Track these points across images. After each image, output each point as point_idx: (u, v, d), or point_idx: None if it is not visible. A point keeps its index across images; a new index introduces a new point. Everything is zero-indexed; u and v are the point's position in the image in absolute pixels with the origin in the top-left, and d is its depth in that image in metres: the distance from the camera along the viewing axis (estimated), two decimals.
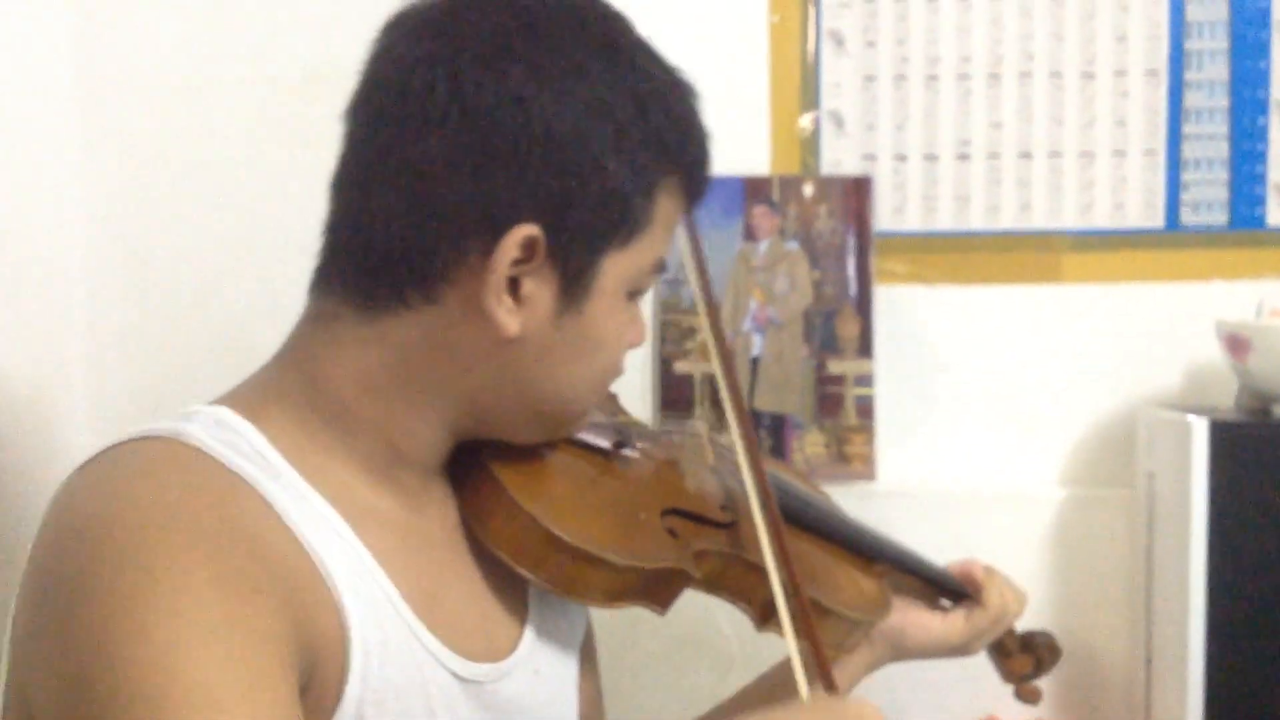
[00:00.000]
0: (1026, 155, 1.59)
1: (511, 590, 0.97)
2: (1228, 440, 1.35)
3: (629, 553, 0.93)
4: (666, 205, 0.90)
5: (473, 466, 0.95)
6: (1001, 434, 1.61)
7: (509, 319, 0.85)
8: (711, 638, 1.57)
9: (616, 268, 0.88)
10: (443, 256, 0.85)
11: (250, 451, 0.83)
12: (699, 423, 1.17)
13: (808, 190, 1.57)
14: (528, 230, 0.83)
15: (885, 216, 1.59)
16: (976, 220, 1.60)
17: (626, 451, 1.04)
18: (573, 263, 0.86)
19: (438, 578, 0.91)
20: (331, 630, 0.80)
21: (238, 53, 1.61)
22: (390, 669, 0.84)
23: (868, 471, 1.56)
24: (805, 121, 1.59)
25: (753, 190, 1.57)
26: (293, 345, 0.91)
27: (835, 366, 1.57)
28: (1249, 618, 1.36)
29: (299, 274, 1.60)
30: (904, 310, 1.59)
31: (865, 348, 1.56)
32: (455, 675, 0.89)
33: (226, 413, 0.85)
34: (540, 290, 0.86)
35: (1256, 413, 1.44)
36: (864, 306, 1.56)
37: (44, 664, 0.74)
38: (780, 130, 1.59)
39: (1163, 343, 1.58)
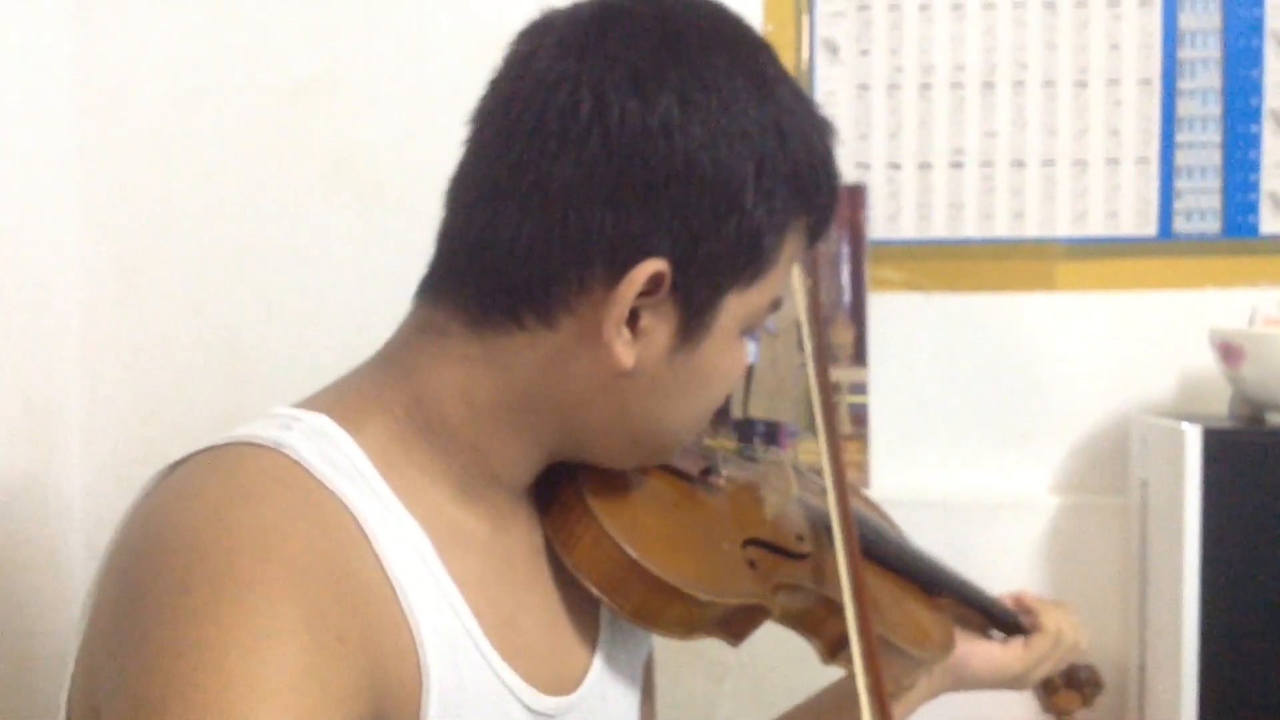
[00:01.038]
0: (1020, 163, 1.59)
1: (585, 616, 0.94)
2: (1221, 448, 1.36)
3: (712, 588, 0.92)
4: (792, 245, 0.87)
5: (562, 488, 0.92)
6: (995, 442, 1.61)
7: (625, 352, 0.82)
8: (705, 646, 1.57)
9: (737, 306, 0.85)
10: (566, 283, 0.81)
11: (349, 467, 0.80)
12: (783, 451, 1.16)
13: None
14: (656, 265, 0.80)
15: (879, 224, 1.60)
16: (970, 228, 1.60)
17: (712, 478, 1.02)
18: (696, 300, 0.83)
19: (517, 601, 0.88)
20: (407, 670, 0.78)
21: (232, 62, 1.61)
22: (466, 703, 0.81)
23: (862, 479, 1.56)
24: None
25: None
26: (396, 354, 0.87)
27: (830, 374, 1.57)
28: (1242, 624, 1.36)
29: (293, 283, 1.62)
30: (898, 318, 1.60)
31: (860, 355, 1.57)
32: (527, 708, 0.87)
33: (327, 422, 0.81)
34: (659, 325, 0.83)
35: (1250, 420, 1.44)
36: (858, 314, 1.57)
37: (117, 675, 0.71)
38: None
39: (1156, 350, 1.58)
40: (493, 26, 1.56)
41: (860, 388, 1.57)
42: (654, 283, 0.81)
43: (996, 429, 1.61)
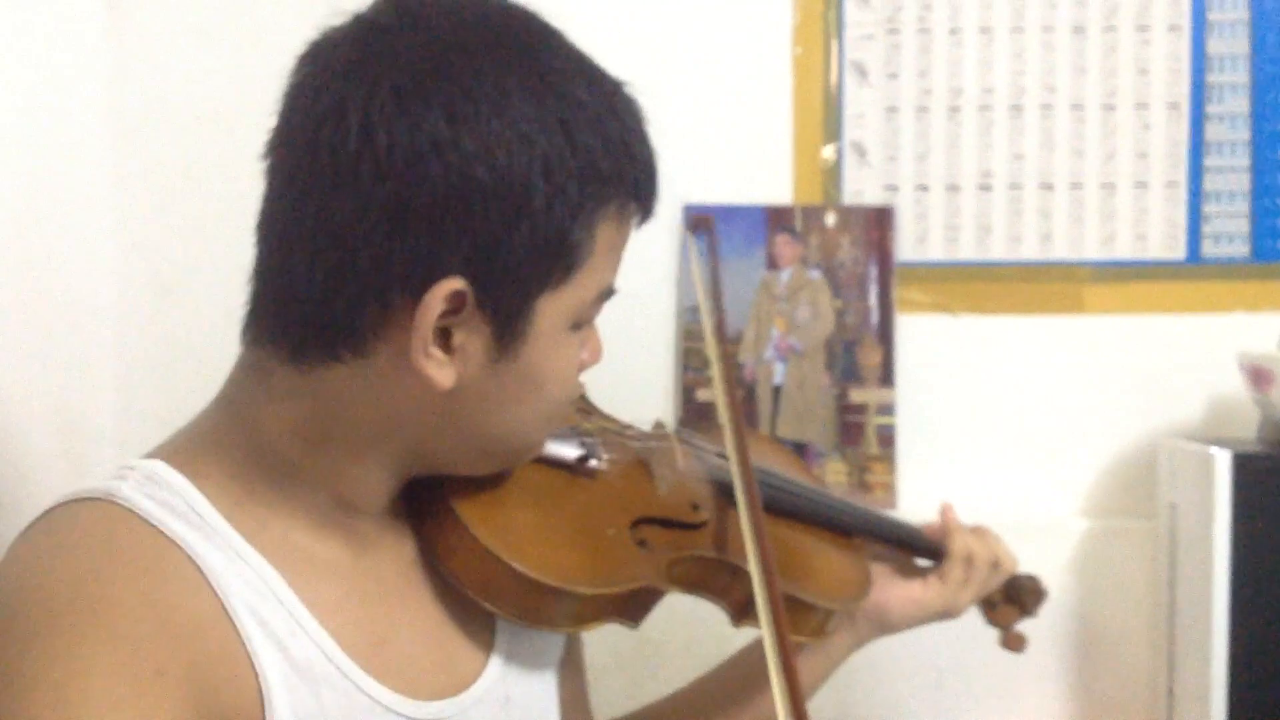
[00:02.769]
0: (1048, 186, 1.59)
1: (476, 620, 0.94)
2: (1250, 472, 1.35)
3: (596, 580, 0.91)
4: (609, 233, 0.85)
5: (430, 500, 0.92)
6: (1023, 464, 1.61)
7: (439, 372, 0.82)
8: (720, 652, 1.57)
9: (553, 307, 0.84)
10: (368, 313, 0.80)
11: (185, 509, 0.81)
12: (665, 421, 1.13)
13: (830, 220, 1.58)
14: (452, 285, 0.79)
15: (907, 246, 1.60)
16: (998, 251, 1.60)
17: (592, 463, 1.00)
18: (504, 310, 0.82)
19: (388, 621, 0.88)
20: (246, 702, 0.79)
21: (266, 80, 1.62)
22: None
23: (889, 500, 1.56)
24: (828, 152, 1.60)
25: (775, 219, 1.58)
26: (228, 396, 0.88)
27: (857, 395, 1.57)
28: (1272, 649, 1.35)
29: None
30: (926, 340, 1.60)
31: (887, 377, 1.57)
32: (408, 718, 0.87)
33: (162, 467, 0.83)
34: (472, 340, 0.82)
35: (1278, 445, 1.44)
36: (886, 336, 1.57)
37: None
38: (803, 160, 1.60)
39: (1184, 374, 1.58)
40: None
41: (887, 409, 1.57)
42: (455, 301, 0.80)
43: (1024, 451, 1.60)
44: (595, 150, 0.82)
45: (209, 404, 0.90)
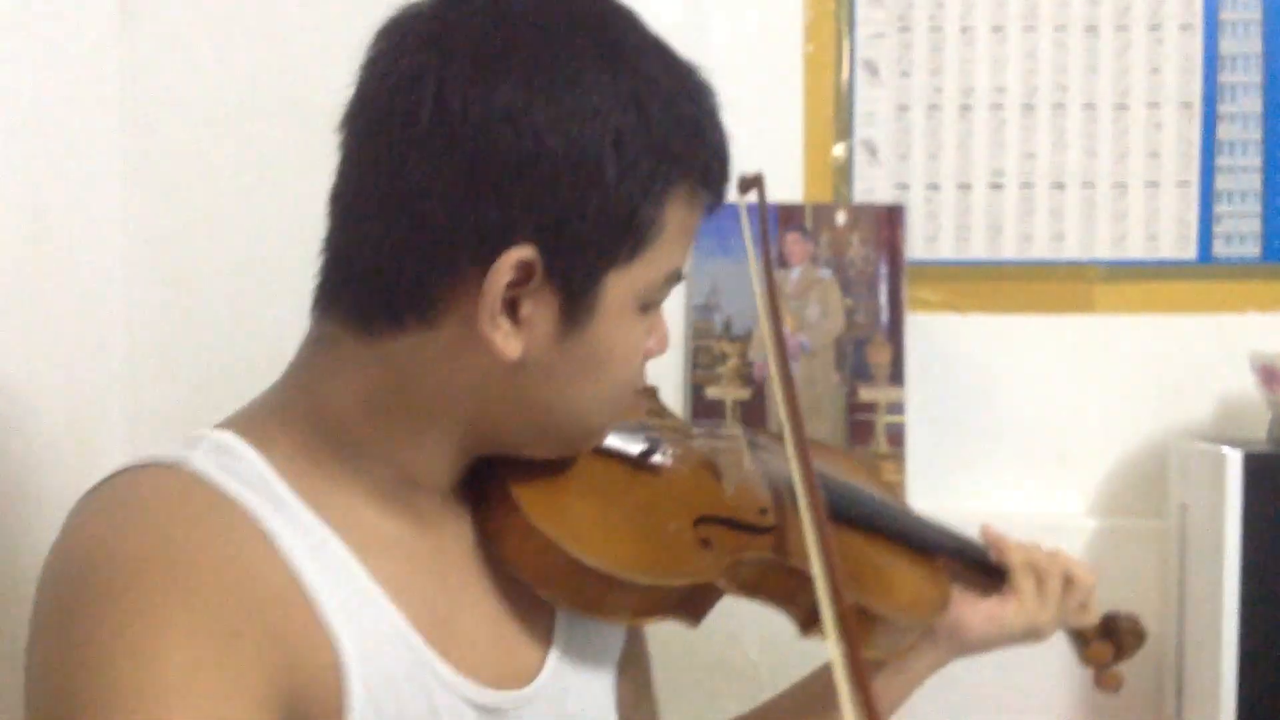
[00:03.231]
0: (1059, 185, 1.59)
1: (536, 610, 0.93)
2: (1262, 472, 1.35)
3: (655, 571, 0.90)
4: (679, 213, 0.85)
5: (491, 484, 0.91)
6: (1033, 464, 1.61)
7: (507, 342, 0.82)
8: (740, 665, 1.57)
9: (622, 284, 0.84)
10: (437, 281, 0.81)
11: (254, 479, 0.81)
12: (735, 424, 1.12)
13: (840, 218, 1.58)
14: (521, 253, 0.79)
15: (918, 245, 1.60)
16: (1009, 250, 1.60)
17: (656, 458, 0.99)
18: (573, 281, 0.82)
19: (453, 601, 0.88)
20: (324, 670, 0.78)
21: (275, 74, 1.63)
22: (402, 702, 0.82)
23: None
24: (838, 150, 1.60)
25: (786, 218, 1.58)
26: (296, 368, 0.89)
27: (867, 394, 1.57)
28: None
29: None
30: (936, 339, 1.60)
31: (897, 375, 1.56)
32: (472, 704, 0.86)
33: (231, 437, 0.83)
34: (540, 312, 0.82)
35: None
36: (896, 334, 1.57)
37: (29, 692, 0.75)
38: (814, 158, 1.60)
39: (1196, 374, 1.58)
40: None
41: (897, 408, 1.56)
42: (524, 270, 0.80)
43: (1034, 451, 1.60)
44: (667, 128, 0.82)
45: (277, 381, 0.89)
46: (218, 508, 0.78)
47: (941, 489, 1.59)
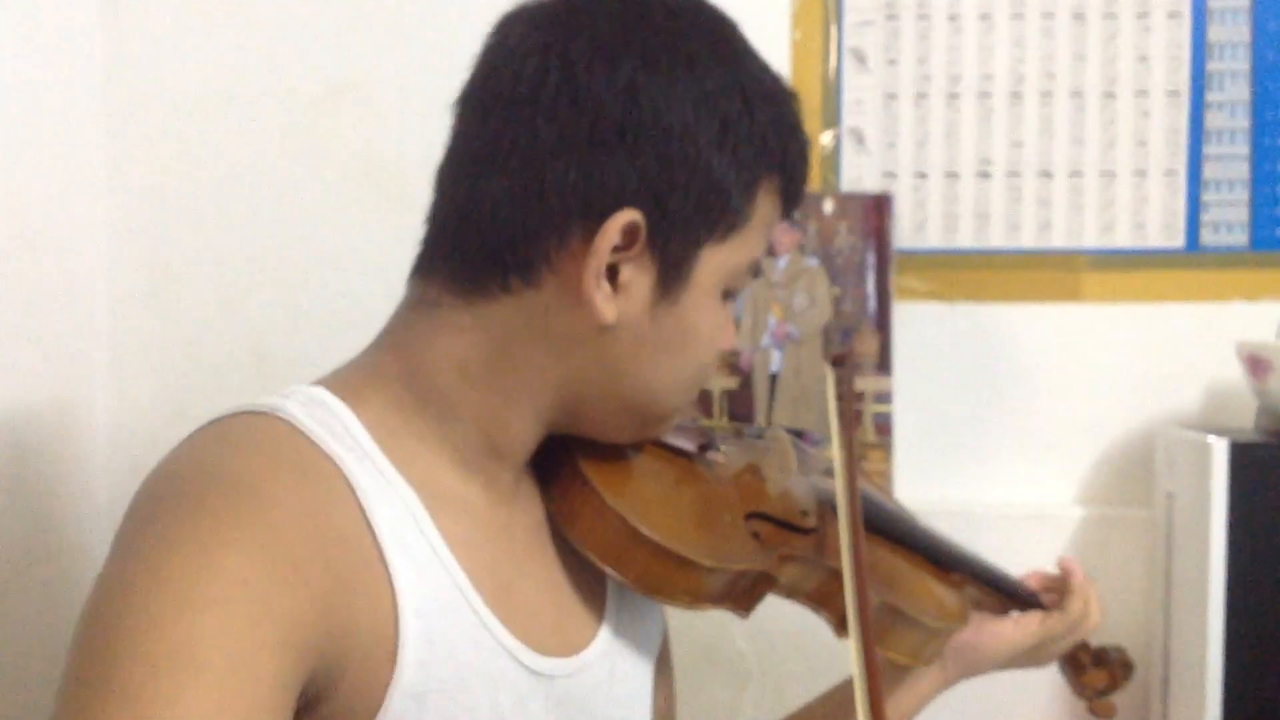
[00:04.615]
0: (1047, 174, 1.59)
1: (591, 589, 0.97)
2: (1248, 461, 1.35)
3: (716, 554, 0.93)
4: (765, 205, 0.91)
5: (562, 464, 0.95)
6: (1020, 453, 1.61)
7: (606, 305, 0.86)
8: (728, 653, 1.57)
9: (714, 261, 0.89)
10: (546, 240, 0.86)
11: (341, 432, 0.84)
12: (780, 429, 1.16)
13: (828, 207, 1.57)
14: (630, 216, 0.84)
15: (905, 234, 1.59)
16: (997, 239, 1.60)
17: (711, 455, 1.04)
18: (671, 252, 0.87)
19: (515, 569, 0.91)
20: (378, 618, 0.80)
21: (261, 66, 1.62)
22: (458, 659, 0.84)
23: (884, 489, 1.56)
24: (826, 138, 1.60)
25: None
26: (392, 330, 0.92)
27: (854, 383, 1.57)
28: (1268, 638, 1.35)
29: (320, 285, 1.62)
30: (923, 328, 1.60)
31: (884, 365, 1.56)
32: (526, 667, 0.89)
33: (323, 393, 0.86)
34: (638, 278, 0.87)
35: (1276, 434, 1.44)
36: (883, 323, 1.56)
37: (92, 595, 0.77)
38: None
39: (1182, 363, 1.58)
40: None
41: (884, 397, 1.56)
42: (630, 235, 0.85)
43: (1021, 440, 1.60)
44: (766, 125, 0.89)
45: (372, 343, 0.93)
46: (303, 451, 0.82)
47: (929, 478, 1.60)
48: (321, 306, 1.62)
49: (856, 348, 1.13)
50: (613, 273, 0.86)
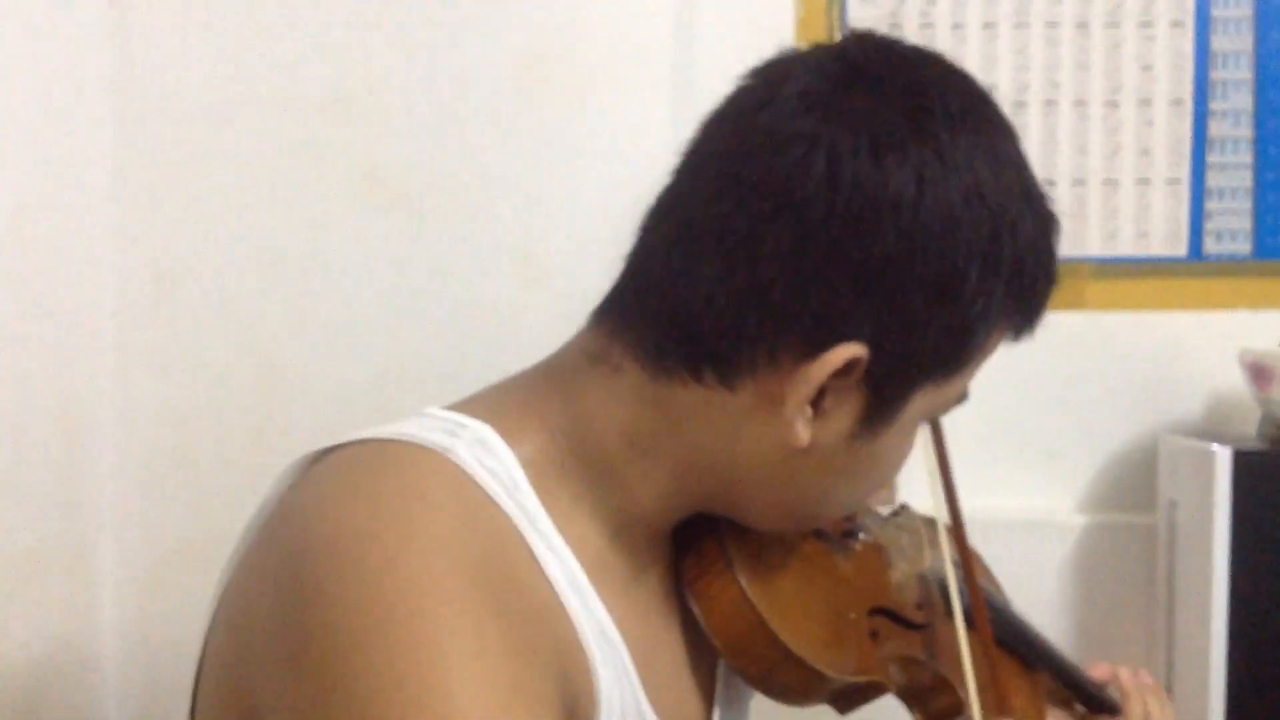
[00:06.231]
0: (1051, 182, 1.59)
1: (705, 667, 0.91)
2: (1250, 470, 1.35)
3: (838, 663, 0.88)
4: (995, 341, 0.83)
5: (703, 539, 0.88)
6: (1022, 460, 1.61)
7: (804, 430, 0.78)
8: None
9: (926, 399, 0.81)
10: (756, 349, 0.77)
11: (510, 484, 0.77)
12: (917, 515, 1.11)
13: None
14: (856, 350, 0.76)
15: None
16: None
17: (852, 542, 0.97)
18: (888, 390, 0.78)
19: (654, 642, 0.86)
20: (586, 692, 0.76)
21: (266, 75, 1.63)
22: None
23: (888, 496, 1.56)
24: None
25: None
26: (565, 377, 0.83)
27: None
28: (1270, 646, 1.35)
29: (324, 293, 1.62)
30: None
31: None
32: None
33: (490, 433, 0.78)
34: (842, 408, 0.79)
35: (1279, 442, 1.44)
36: None
37: (288, 691, 0.69)
38: None
39: (1185, 371, 1.58)
40: (523, 42, 1.58)
41: None
42: (848, 367, 0.77)
43: (1024, 447, 1.60)
44: (1027, 259, 0.79)
45: (531, 373, 0.86)
46: (492, 513, 0.75)
47: (930, 485, 1.59)
48: (326, 313, 1.62)
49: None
50: (819, 394, 0.78)
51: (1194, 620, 1.41)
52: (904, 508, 1.10)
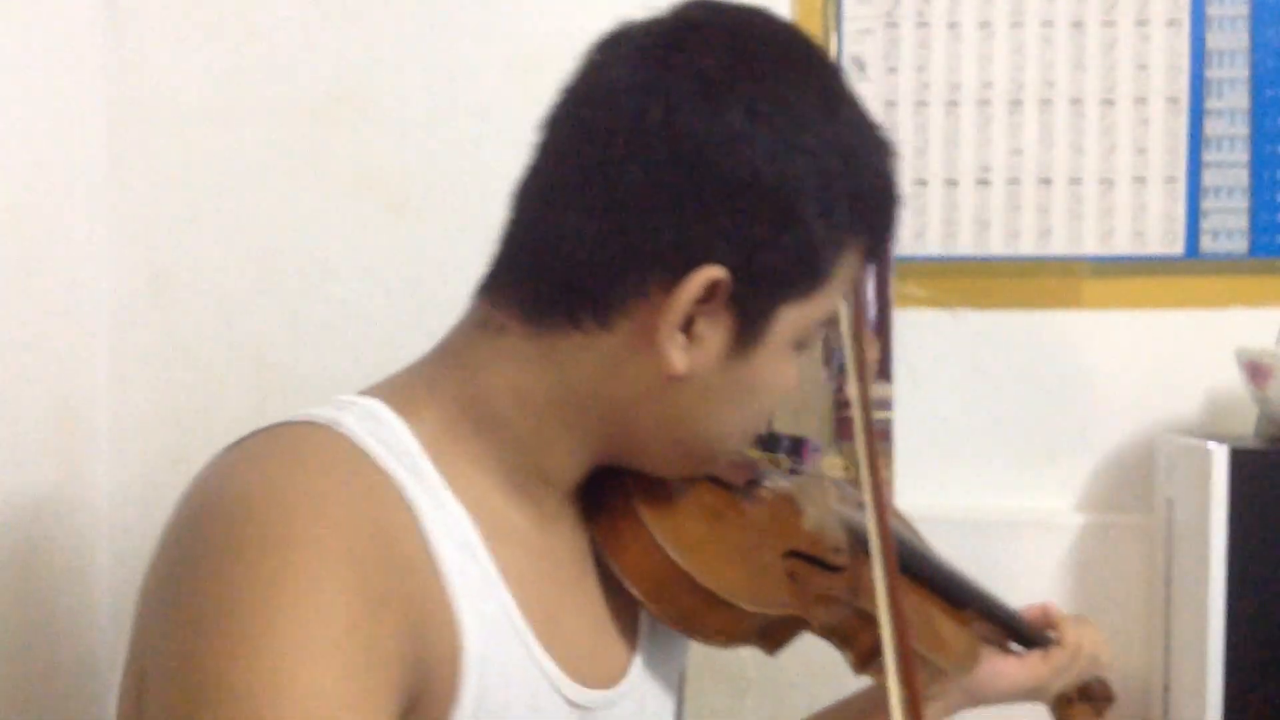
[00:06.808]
0: (1047, 181, 1.59)
1: (625, 621, 0.95)
2: (1248, 468, 1.35)
3: (756, 598, 0.92)
4: (849, 261, 0.88)
5: (610, 494, 0.93)
6: (1020, 459, 1.61)
7: (679, 356, 0.83)
8: (727, 661, 1.57)
9: (791, 318, 0.86)
10: (625, 286, 0.83)
11: (400, 449, 0.81)
12: (825, 473, 1.15)
13: None
14: (715, 272, 0.81)
15: (905, 241, 1.59)
16: (996, 246, 1.60)
17: (757, 490, 1.02)
18: (751, 309, 0.84)
19: (558, 598, 0.89)
20: (446, 647, 0.79)
21: (261, 77, 1.63)
22: (508, 689, 0.82)
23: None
24: None
25: None
26: (454, 348, 0.89)
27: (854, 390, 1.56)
28: (1268, 644, 1.35)
29: (319, 294, 1.63)
30: (923, 335, 1.60)
31: (884, 372, 1.56)
32: (567, 700, 0.87)
33: (381, 406, 0.84)
34: (713, 332, 0.84)
35: (1276, 440, 1.44)
36: (883, 330, 1.57)
37: (164, 635, 0.73)
38: None
39: (1182, 370, 1.58)
40: (518, 43, 1.59)
41: (885, 404, 1.56)
42: (711, 290, 0.82)
43: (1021, 446, 1.60)
44: (865, 182, 0.86)
45: (428, 353, 0.91)
46: (367, 472, 0.79)
47: (929, 485, 1.60)
48: (321, 314, 1.62)
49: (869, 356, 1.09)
50: (688, 323, 0.83)
51: (1192, 618, 1.41)
52: (803, 462, 1.14)
